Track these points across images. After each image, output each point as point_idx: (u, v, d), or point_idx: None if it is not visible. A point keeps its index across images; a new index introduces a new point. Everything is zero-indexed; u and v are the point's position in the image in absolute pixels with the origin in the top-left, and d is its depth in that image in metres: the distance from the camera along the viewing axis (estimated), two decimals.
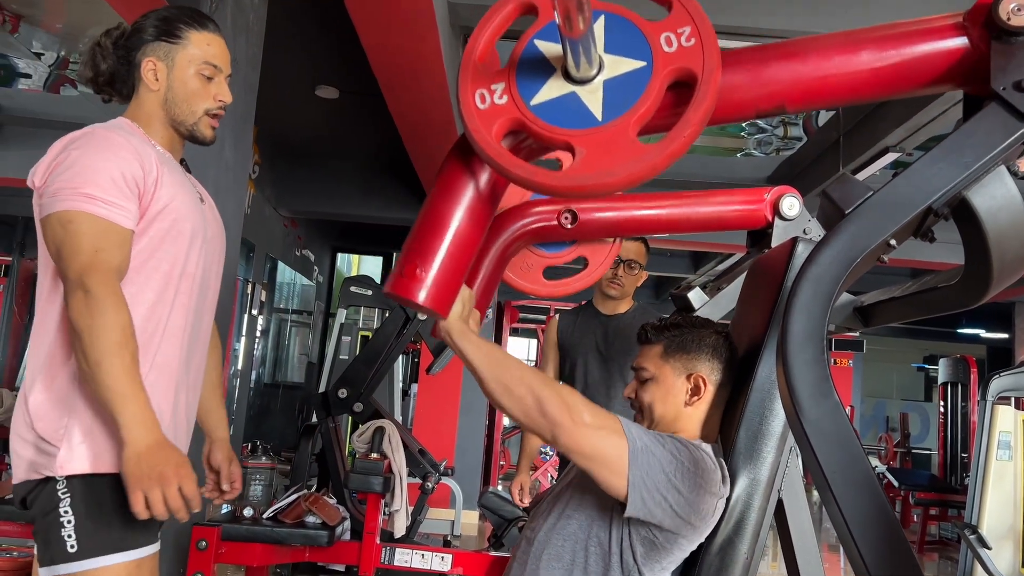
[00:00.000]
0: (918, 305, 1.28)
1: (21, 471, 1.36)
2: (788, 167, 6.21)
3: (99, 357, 1.26)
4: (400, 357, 6.56)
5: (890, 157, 4.85)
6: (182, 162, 1.57)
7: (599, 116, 1.00)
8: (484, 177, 1.14)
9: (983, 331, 12.72)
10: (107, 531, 1.32)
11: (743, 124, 5.52)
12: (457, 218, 1.12)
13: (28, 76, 5.48)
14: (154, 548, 1.39)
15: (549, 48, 1.04)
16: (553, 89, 1.02)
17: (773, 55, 1.11)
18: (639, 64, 1.01)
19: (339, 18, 3.18)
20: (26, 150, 6.47)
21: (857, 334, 10.56)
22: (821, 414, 0.87)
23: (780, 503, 1.36)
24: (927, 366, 14.56)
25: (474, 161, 1.13)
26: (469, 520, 6.36)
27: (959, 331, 12.83)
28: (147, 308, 1.41)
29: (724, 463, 1.32)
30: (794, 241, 1.39)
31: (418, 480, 3.38)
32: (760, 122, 5.44)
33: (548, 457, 7.99)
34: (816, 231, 1.77)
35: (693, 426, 1.41)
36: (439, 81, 3.64)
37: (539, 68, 1.04)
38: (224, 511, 2.42)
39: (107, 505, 1.33)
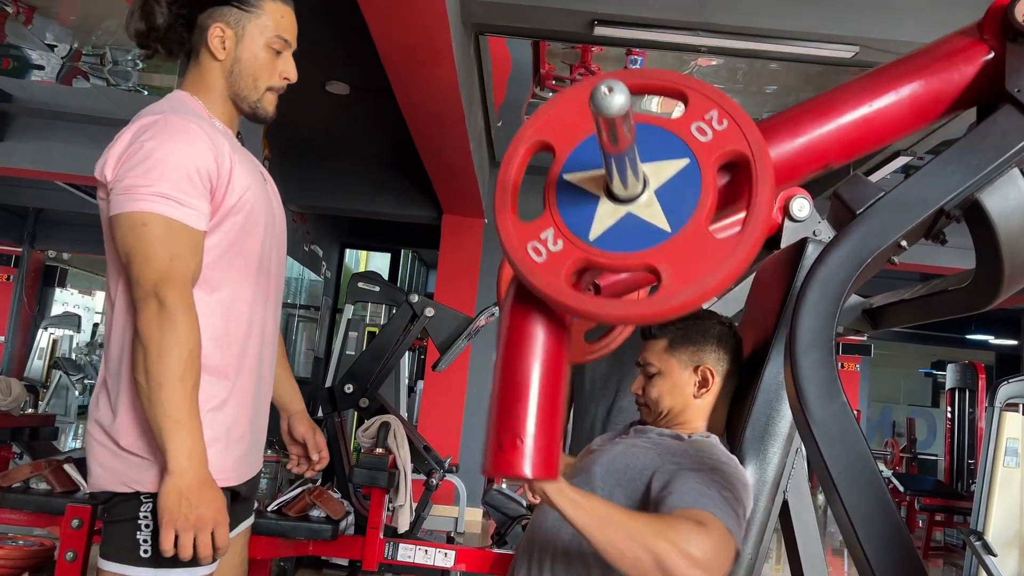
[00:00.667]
0: (928, 308, 1.27)
1: (103, 480, 1.30)
2: None
3: (163, 379, 1.19)
4: (407, 353, 6.57)
5: (901, 161, 4.84)
6: (237, 135, 1.48)
7: (667, 227, 0.93)
8: (552, 319, 1.06)
9: (992, 337, 12.66)
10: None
11: None
12: (539, 372, 1.03)
13: (41, 68, 5.51)
14: (214, 567, 1.33)
15: (582, 177, 0.97)
16: (606, 217, 0.95)
17: (807, 118, 1.07)
18: (683, 162, 0.95)
19: (350, 14, 3.18)
20: (38, 142, 6.50)
21: (865, 338, 10.54)
22: (828, 415, 0.87)
23: (785, 504, 1.36)
24: (935, 371, 14.51)
25: (539, 307, 1.04)
26: (473, 517, 6.36)
27: (968, 337, 12.76)
28: (225, 307, 1.35)
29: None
30: (804, 242, 1.38)
31: (422, 476, 3.39)
32: None
33: None
34: (826, 233, 1.76)
35: (700, 418, 1.41)
36: (450, 78, 3.64)
37: (581, 201, 0.97)
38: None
39: None
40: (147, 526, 1.26)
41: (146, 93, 5.85)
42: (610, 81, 0.77)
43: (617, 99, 0.75)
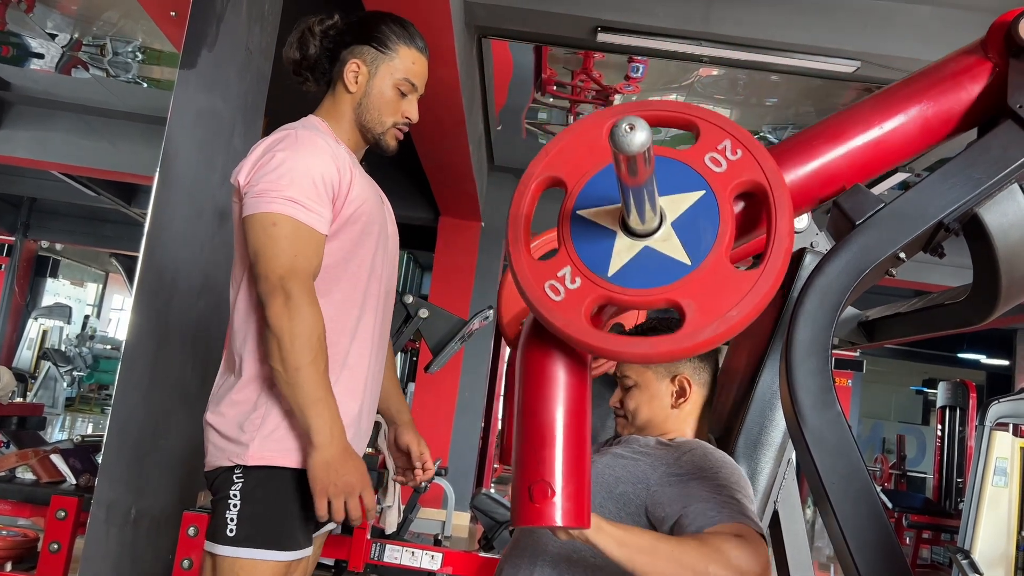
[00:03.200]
0: (923, 322, 1.27)
1: (212, 457, 1.42)
2: None
3: (299, 363, 1.31)
4: (399, 355, 6.56)
5: (898, 177, 4.85)
6: (361, 162, 1.60)
7: (688, 261, 0.91)
8: (571, 357, 1.03)
9: (984, 357, 12.69)
10: (268, 526, 1.36)
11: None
12: (563, 415, 1.00)
13: (41, 56, 5.50)
14: (305, 554, 1.42)
15: (596, 213, 0.96)
16: (624, 252, 0.93)
17: (819, 141, 1.06)
18: (699, 194, 0.94)
19: (354, 12, 3.18)
20: (36, 131, 6.49)
21: (857, 354, 10.55)
22: (823, 423, 0.87)
23: (775, 514, 1.36)
24: (926, 389, 14.54)
25: (556, 346, 1.02)
26: (460, 521, 6.34)
27: (959, 355, 12.80)
28: (336, 308, 1.45)
29: None
30: (801, 252, 1.38)
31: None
32: (769, 136, 5.44)
33: None
34: (824, 245, 1.76)
35: (684, 427, 1.40)
36: (451, 80, 3.63)
37: (596, 236, 0.95)
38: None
39: (276, 502, 1.38)
40: (235, 505, 1.36)
41: (145, 85, 5.84)
42: (630, 118, 0.75)
43: (639, 136, 0.75)
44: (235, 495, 1.36)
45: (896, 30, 3.56)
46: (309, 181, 1.37)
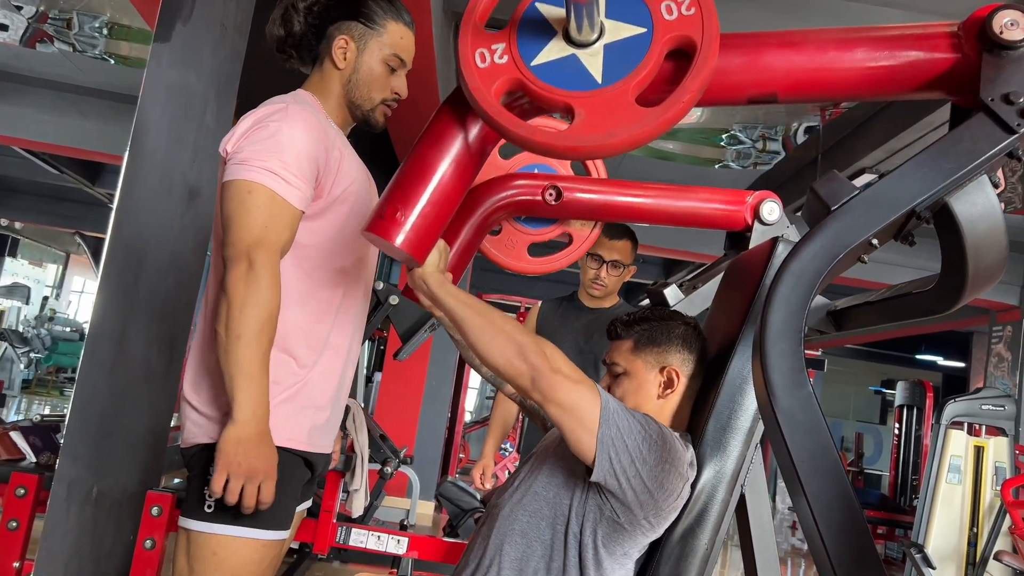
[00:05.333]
0: (892, 310, 1.30)
1: (190, 434, 1.41)
2: (765, 181, 6.28)
3: (240, 332, 1.28)
4: (366, 343, 6.52)
5: (866, 178, 4.93)
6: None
7: (599, 79, 1.01)
8: (474, 132, 1.15)
9: (940, 358, 12.98)
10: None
11: (722, 135, 5.57)
12: (443, 168, 1.13)
13: (4, 28, 5.36)
14: (283, 535, 1.41)
15: (550, 11, 1.05)
16: (554, 51, 1.03)
17: (769, 42, 1.12)
18: (639, 30, 1.03)
19: None
20: None
21: (819, 352, 10.72)
22: (794, 403, 0.88)
23: (742, 498, 1.38)
24: (884, 390, 14.82)
25: (466, 116, 1.13)
26: (424, 510, 6.34)
27: (917, 357, 13.07)
28: (320, 288, 1.44)
29: (693, 451, 1.33)
30: (774, 241, 1.40)
31: (377, 465, 3.37)
32: (740, 134, 5.49)
33: (507, 453, 8.00)
34: (794, 238, 1.79)
35: (664, 418, 1.42)
36: (428, 66, 3.62)
37: (540, 30, 1.05)
38: (177, 481, 2.39)
39: None
40: None
41: (112, 62, 5.72)
42: None
43: None
44: (213, 471, 1.33)
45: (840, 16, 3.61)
46: (294, 155, 1.35)
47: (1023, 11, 1.02)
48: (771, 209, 1.84)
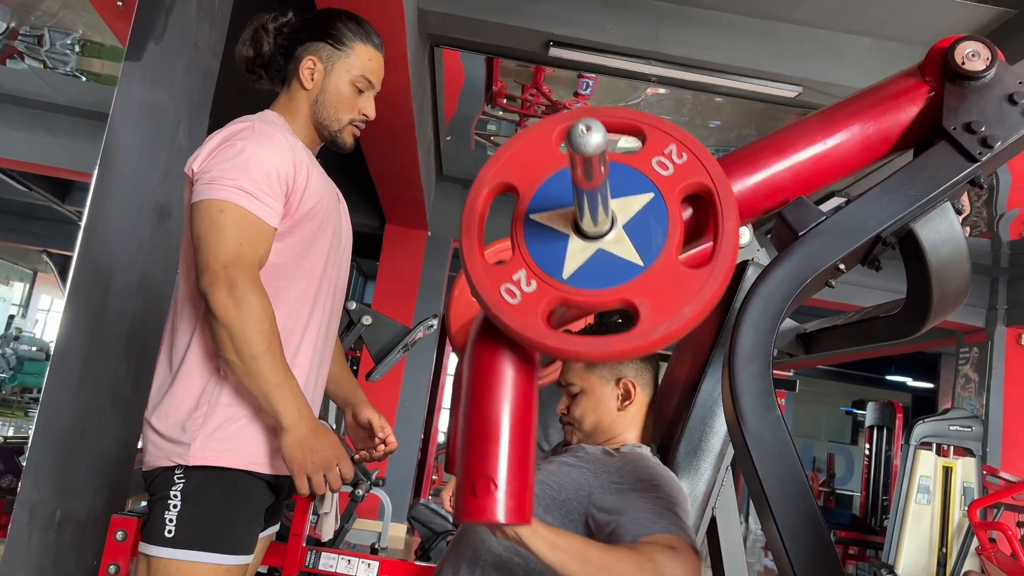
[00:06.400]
0: (859, 334, 1.31)
1: (152, 458, 1.39)
2: None
3: (255, 351, 1.28)
4: None
5: (835, 201, 5.01)
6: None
7: (640, 262, 0.93)
8: (522, 357, 1.04)
9: (910, 379, 13.14)
10: (209, 528, 1.32)
11: None
12: (510, 413, 1.01)
13: None
14: (246, 559, 1.38)
15: (549, 216, 0.98)
16: (577, 254, 0.95)
17: (764, 154, 1.10)
18: (647, 196, 0.96)
19: (307, 12, 3.15)
20: None
21: (791, 373, 10.81)
22: (763, 426, 0.89)
23: (713, 520, 1.38)
24: (855, 410, 14.96)
25: (507, 345, 1.03)
26: (396, 533, 6.28)
27: (887, 377, 13.22)
28: (289, 306, 1.43)
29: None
30: (744, 264, 1.42)
31: (348, 488, 3.33)
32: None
33: None
34: (765, 259, 1.81)
35: (628, 429, 1.42)
36: (403, 86, 3.63)
37: (550, 240, 0.96)
38: (144, 504, 2.34)
39: (218, 503, 1.34)
40: (175, 506, 1.33)
41: (84, 79, 5.68)
42: (587, 120, 0.77)
43: (595, 138, 0.76)
44: (175, 495, 1.33)
45: (837, 58, 3.69)
46: (263, 173, 1.35)
47: (984, 43, 1.05)
48: (741, 233, 1.86)
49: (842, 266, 1.00)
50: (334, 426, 2.79)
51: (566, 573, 1.10)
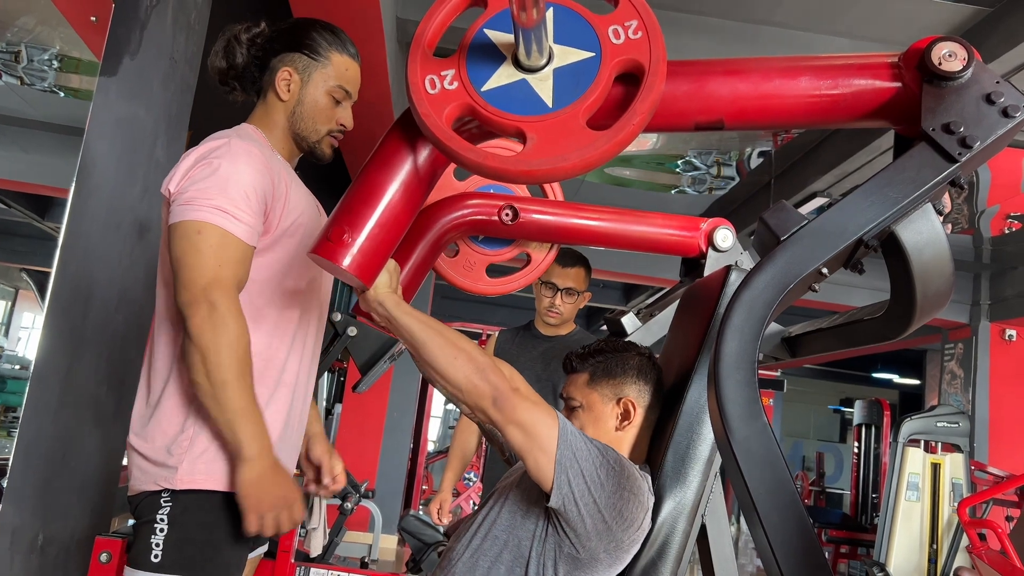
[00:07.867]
0: (844, 337, 1.31)
1: (137, 482, 1.36)
2: (720, 207, 6.37)
3: (225, 377, 1.26)
4: (325, 375, 6.43)
5: (818, 202, 5.03)
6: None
7: (550, 103, 1.02)
8: (424, 155, 1.15)
9: (896, 376, 13.21)
10: (197, 552, 1.30)
11: (678, 162, 5.65)
12: (392, 190, 1.13)
13: None
14: None
15: (499, 37, 1.06)
16: (503, 76, 1.04)
17: (716, 70, 1.13)
18: (588, 54, 1.04)
19: (281, 22, 3.13)
20: None
21: (778, 373, 10.84)
22: (750, 434, 0.88)
23: (703, 528, 1.37)
24: (843, 408, 15.02)
25: (416, 139, 1.13)
26: (387, 544, 6.24)
27: (874, 375, 13.29)
28: (272, 323, 1.41)
29: (651, 482, 1.32)
30: (727, 269, 1.41)
31: (337, 500, 3.30)
32: (695, 160, 5.57)
33: (471, 483, 7.92)
34: (748, 264, 1.81)
35: (624, 450, 1.41)
36: (383, 96, 3.62)
37: (489, 56, 1.06)
38: (131, 523, 2.31)
39: (205, 527, 1.32)
40: (161, 530, 1.30)
41: (62, 95, 5.63)
42: None
43: None
44: (162, 519, 1.30)
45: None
46: (241, 191, 1.32)
47: (960, 43, 1.04)
48: (724, 236, 1.86)
49: (825, 270, 0.99)
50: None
51: (419, 340, 1.23)
